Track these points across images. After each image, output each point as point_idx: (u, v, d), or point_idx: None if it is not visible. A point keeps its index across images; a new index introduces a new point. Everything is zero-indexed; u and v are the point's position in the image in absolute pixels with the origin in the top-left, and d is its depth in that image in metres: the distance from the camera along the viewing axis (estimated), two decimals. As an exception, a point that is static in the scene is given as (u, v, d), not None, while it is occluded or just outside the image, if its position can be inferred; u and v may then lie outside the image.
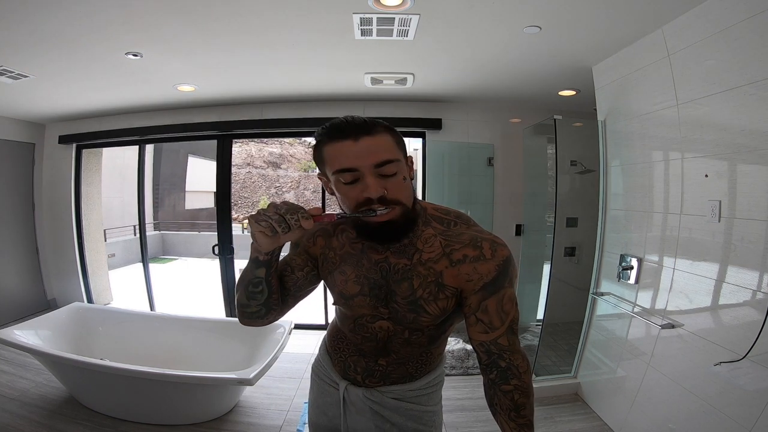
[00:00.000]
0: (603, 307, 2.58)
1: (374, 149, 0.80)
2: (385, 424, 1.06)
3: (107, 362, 2.33)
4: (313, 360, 1.23)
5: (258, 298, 0.92)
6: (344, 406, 1.08)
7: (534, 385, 2.48)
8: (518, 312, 0.92)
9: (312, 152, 0.90)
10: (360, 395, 1.06)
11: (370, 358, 1.04)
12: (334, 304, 1.05)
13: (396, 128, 0.89)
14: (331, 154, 0.83)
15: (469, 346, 3.38)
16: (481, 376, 0.97)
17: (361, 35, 2.25)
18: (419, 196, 3.86)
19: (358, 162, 0.80)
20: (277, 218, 0.77)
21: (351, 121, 0.82)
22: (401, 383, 1.06)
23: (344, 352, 1.09)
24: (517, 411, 0.89)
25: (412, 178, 0.90)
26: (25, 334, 2.64)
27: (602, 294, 2.56)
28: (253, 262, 0.88)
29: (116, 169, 9.11)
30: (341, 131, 0.81)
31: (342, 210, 0.88)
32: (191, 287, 7.18)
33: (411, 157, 0.91)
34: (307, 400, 2.78)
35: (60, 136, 4.29)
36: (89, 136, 4.21)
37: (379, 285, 0.95)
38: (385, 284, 0.94)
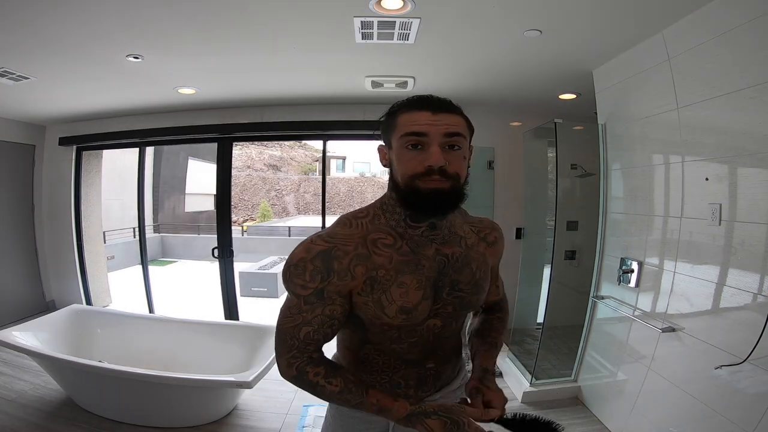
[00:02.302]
0: (603, 310, 2.57)
1: (448, 122, 0.83)
2: None
3: (105, 364, 2.32)
4: None
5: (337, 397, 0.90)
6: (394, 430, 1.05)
7: (534, 389, 2.50)
8: None
9: (382, 124, 0.90)
10: None
11: (418, 365, 0.97)
12: (384, 326, 0.90)
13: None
14: (405, 120, 0.84)
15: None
16: None
17: (362, 39, 2.25)
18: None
19: (430, 128, 0.82)
20: None
21: (433, 97, 0.85)
22: (447, 384, 1.06)
23: (386, 372, 0.97)
24: (489, 332, 1.11)
25: (469, 165, 0.90)
26: (24, 335, 2.63)
27: (602, 297, 2.55)
28: (383, 412, 0.88)
29: (116, 172, 9.11)
30: (422, 103, 0.84)
31: (396, 181, 0.87)
32: (190, 290, 7.17)
33: (473, 146, 0.93)
34: (307, 404, 2.77)
35: (60, 138, 4.29)
36: (89, 138, 4.21)
37: (435, 282, 0.91)
38: (443, 277, 0.92)
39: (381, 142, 0.93)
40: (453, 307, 0.94)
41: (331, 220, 1.01)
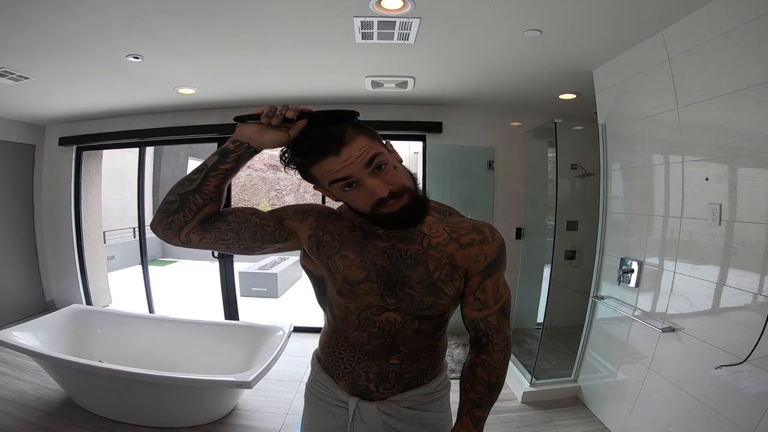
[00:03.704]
0: (603, 310, 2.57)
1: (357, 153, 0.81)
2: None
3: (105, 364, 2.32)
4: (306, 380, 1.14)
5: (185, 186, 0.85)
6: (353, 425, 1.01)
7: (534, 389, 2.44)
8: (510, 296, 1.00)
9: (298, 175, 0.89)
10: (374, 410, 1.00)
11: (381, 359, 0.98)
12: (338, 293, 0.97)
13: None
14: (320, 171, 0.83)
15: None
16: None
17: (362, 39, 2.25)
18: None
19: (348, 170, 0.81)
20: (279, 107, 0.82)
21: (322, 136, 0.81)
22: (416, 386, 1.02)
23: (349, 361, 1.01)
24: (472, 384, 0.97)
25: (401, 161, 0.90)
26: (24, 335, 2.63)
27: (602, 297, 2.55)
28: (216, 151, 0.87)
29: (116, 172, 9.12)
30: (320, 151, 0.81)
31: (357, 210, 0.89)
32: (190, 290, 7.16)
33: (389, 142, 0.91)
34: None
35: (60, 138, 4.29)
36: (89, 138, 4.22)
37: (387, 272, 0.94)
38: (395, 271, 0.94)
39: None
40: (406, 304, 0.94)
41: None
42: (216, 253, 3.99)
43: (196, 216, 0.86)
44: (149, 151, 7.73)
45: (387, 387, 1.00)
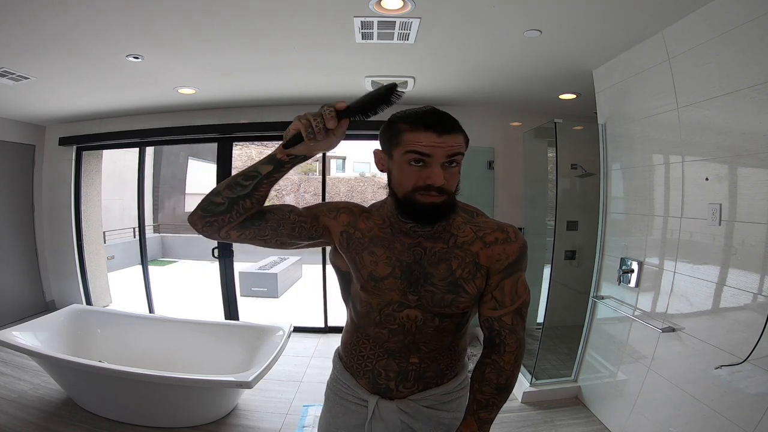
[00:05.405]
0: (603, 310, 2.57)
1: (451, 143, 0.87)
2: None
3: (105, 364, 2.32)
4: (328, 378, 1.17)
5: (235, 191, 0.89)
6: (371, 424, 1.03)
7: (534, 389, 2.43)
8: (530, 297, 1.02)
9: (382, 130, 0.94)
10: (393, 409, 1.01)
11: (401, 357, 1.01)
12: (362, 288, 1.00)
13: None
14: (410, 138, 0.87)
15: (470, 349, 3.38)
16: None
17: (362, 39, 2.25)
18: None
19: (434, 150, 0.86)
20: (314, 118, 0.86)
21: (436, 115, 0.88)
22: (435, 386, 1.03)
23: (370, 359, 1.03)
24: (480, 384, 0.96)
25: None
26: (24, 335, 2.63)
27: (602, 297, 2.55)
28: (268, 158, 0.91)
29: (116, 172, 9.11)
30: (428, 124, 0.86)
31: (393, 189, 0.93)
32: (190, 290, 7.16)
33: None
34: (307, 404, 2.78)
35: (60, 138, 4.29)
36: (89, 138, 4.21)
37: (411, 269, 0.97)
38: (418, 268, 0.97)
39: (377, 146, 0.96)
40: (427, 301, 0.97)
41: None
42: (216, 253, 4.00)
43: (241, 217, 0.91)
44: (149, 151, 7.70)
45: (407, 386, 1.02)
